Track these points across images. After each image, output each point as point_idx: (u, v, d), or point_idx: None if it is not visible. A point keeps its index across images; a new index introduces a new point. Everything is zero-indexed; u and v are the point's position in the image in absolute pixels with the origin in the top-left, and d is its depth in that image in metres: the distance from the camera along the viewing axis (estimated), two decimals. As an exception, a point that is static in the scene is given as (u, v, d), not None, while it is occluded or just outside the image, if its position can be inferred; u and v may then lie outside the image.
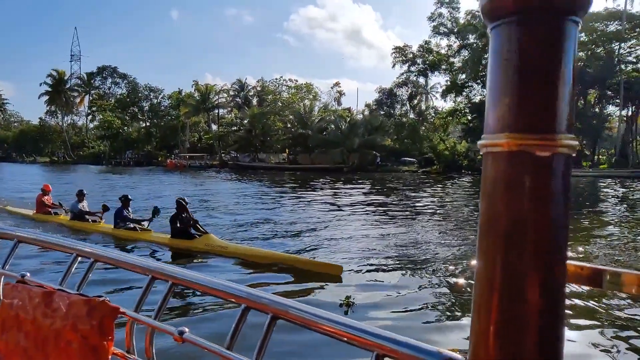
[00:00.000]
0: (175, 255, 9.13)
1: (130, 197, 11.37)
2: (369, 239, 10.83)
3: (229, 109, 75.24)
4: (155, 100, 79.15)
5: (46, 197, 13.34)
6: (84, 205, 12.31)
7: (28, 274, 1.50)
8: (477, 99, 56.50)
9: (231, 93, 75.69)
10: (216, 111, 73.18)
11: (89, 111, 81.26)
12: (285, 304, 1.05)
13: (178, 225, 9.63)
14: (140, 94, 79.10)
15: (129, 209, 11.15)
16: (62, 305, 1.27)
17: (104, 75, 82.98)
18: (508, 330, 0.55)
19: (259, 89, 75.78)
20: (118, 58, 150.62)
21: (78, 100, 79.84)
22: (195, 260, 8.67)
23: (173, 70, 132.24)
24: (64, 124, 79.98)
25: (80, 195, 12.37)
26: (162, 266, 1.33)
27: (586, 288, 6.12)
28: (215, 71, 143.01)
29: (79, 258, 1.53)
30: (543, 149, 0.53)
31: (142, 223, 10.95)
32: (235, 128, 69.98)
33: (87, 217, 12.00)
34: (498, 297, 0.55)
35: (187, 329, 1.15)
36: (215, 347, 1.09)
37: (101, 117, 75.81)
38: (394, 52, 63.83)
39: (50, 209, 13.20)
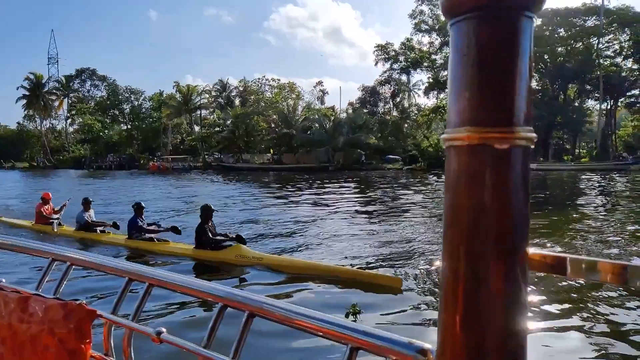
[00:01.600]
0: (201, 269, 8.17)
1: (143, 204, 10.26)
2: (364, 238, 10.73)
3: (211, 109, 74.64)
4: (136, 103, 78.19)
5: (45, 207, 12.24)
6: (91, 214, 11.30)
7: (3, 280, 1.47)
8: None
9: (213, 94, 75.11)
10: (198, 112, 72.55)
11: (68, 115, 79.73)
12: (261, 301, 1.07)
13: (206, 235, 8.56)
14: (120, 96, 77.99)
15: (143, 217, 10.11)
16: (39, 310, 1.26)
17: (82, 77, 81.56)
18: (473, 319, 0.56)
19: (241, 89, 75.33)
20: (96, 60, 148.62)
21: (57, 103, 78.41)
22: (226, 274, 7.76)
23: (153, 72, 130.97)
24: (43, 128, 78.49)
25: (87, 204, 11.29)
26: (139, 268, 1.34)
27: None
28: (196, 72, 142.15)
29: (55, 262, 1.52)
30: (502, 142, 0.54)
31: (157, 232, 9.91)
32: (218, 129, 69.42)
33: (95, 227, 10.92)
34: (463, 286, 0.56)
35: (164, 330, 1.16)
36: (192, 347, 1.10)
37: (81, 120, 74.57)
38: (376, 50, 63.98)
39: (51, 219, 11.92)
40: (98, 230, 10.77)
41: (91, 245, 9.95)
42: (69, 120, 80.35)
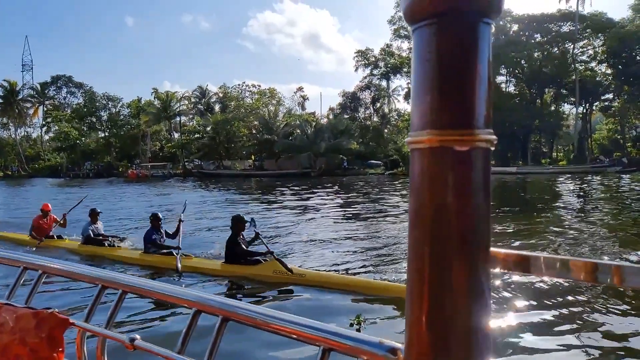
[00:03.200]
0: (234, 286, 7.40)
1: (160, 215, 9.27)
2: (350, 244, 10.57)
3: (191, 116, 73.89)
4: (114, 110, 76.80)
5: (44, 220, 11.01)
6: (99, 227, 10.27)
7: None
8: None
9: (192, 100, 74.37)
10: (178, 119, 71.71)
11: (43, 122, 77.94)
12: (235, 305, 1.08)
13: (239, 248, 7.75)
14: (98, 104, 76.55)
15: (162, 229, 9.13)
16: (10, 320, 1.25)
17: (58, 85, 79.90)
18: (438, 316, 0.57)
19: (221, 95, 74.78)
20: (72, 67, 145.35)
21: (32, 111, 76.71)
22: (263, 293, 6.96)
23: (131, 79, 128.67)
24: (17, 137, 76.63)
25: (94, 215, 10.24)
26: (113, 275, 1.33)
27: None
28: (174, 79, 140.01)
29: (27, 271, 1.50)
30: (462, 144, 0.55)
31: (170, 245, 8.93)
32: (198, 135, 68.72)
33: (104, 241, 9.93)
34: (427, 286, 0.58)
35: (138, 336, 1.16)
36: (166, 352, 1.10)
37: (57, 128, 72.93)
38: (356, 56, 64.32)
39: (50, 231, 10.87)
40: (107, 244, 9.78)
41: (99, 262, 8.88)
42: (45, 128, 78.64)
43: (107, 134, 75.90)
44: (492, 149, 0.58)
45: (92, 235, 10.01)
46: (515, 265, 0.63)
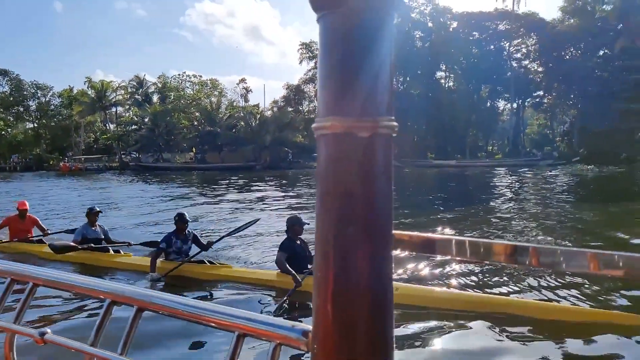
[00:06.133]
0: (294, 303, 5.78)
1: (187, 216, 7.47)
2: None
3: (128, 106, 70.88)
4: (44, 99, 72.41)
5: (21, 222, 9.09)
6: (97, 229, 8.43)
7: None
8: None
9: (129, 90, 71.32)
10: (114, 109, 68.64)
11: (-37, 112, 72.41)
12: (150, 294, 1.06)
13: (292, 256, 6.32)
14: (25, 92, 71.80)
15: (188, 232, 7.46)
16: None
17: (-20, 72, 74.38)
18: (342, 298, 0.59)
19: (160, 85, 72.18)
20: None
21: (-51, 99, 70.93)
22: None
23: (62, 67, 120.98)
24: None
25: (92, 215, 8.43)
26: (22, 267, 1.28)
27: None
28: (107, 67, 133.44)
29: None
30: (364, 131, 0.57)
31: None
32: (135, 127, 66.12)
33: (107, 245, 8.26)
34: (332, 269, 0.60)
35: (49, 330, 1.14)
36: (78, 345, 1.08)
37: (-21, 118, 67.96)
38: (300, 49, 63.87)
39: (29, 234, 9.17)
40: (111, 251, 8.05)
41: (102, 272, 7.40)
42: (-35, 118, 72.95)
43: (36, 124, 71.56)
44: (394, 135, 0.60)
45: (77, 241, 8.10)
46: (420, 247, 0.66)
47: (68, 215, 14.77)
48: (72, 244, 8.03)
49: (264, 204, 18.06)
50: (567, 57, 53.70)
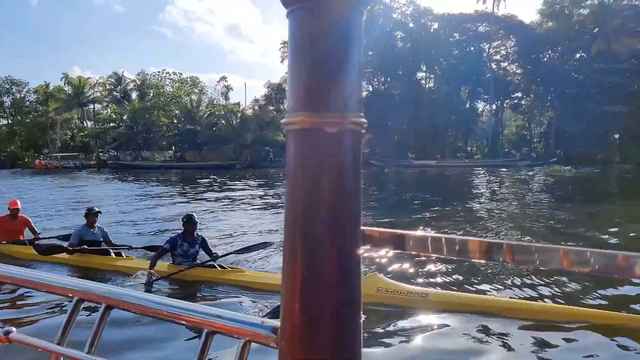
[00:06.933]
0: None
1: (195, 217, 7.12)
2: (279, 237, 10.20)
3: (106, 104, 69.67)
4: (19, 95, 70.80)
5: (12, 223, 8.60)
6: (96, 231, 7.97)
7: None
8: (363, 94, 58.25)
9: (107, 87, 70.11)
10: (91, 106, 67.42)
11: None
12: (119, 292, 1.05)
13: None
14: (0, 88, 70.30)
15: (196, 235, 7.07)
16: None
17: (-49, 66, 72.38)
18: (310, 294, 0.59)
19: (139, 82, 71.12)
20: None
21: None
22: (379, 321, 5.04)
23: (37, 63, 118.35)
24: None
25: (91, 216, 7.95)
26: None
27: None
28: (85, 64, 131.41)
29: None
30: (332, 126, 0.57)
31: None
32: (114, 124, 65.03)
33: (109, 248, 7.84)
34: (300, 264, 0.59)
35: (14, 329, 1.11)
36: (44, 344, 1.06)
37: (-50, 113, 66.15)
38: (281, 47, 63.56)
39: (22, 236, 8.68)
40: (112, 253, 7.67)
41: (101, 276, 7.05)
42: None
43: (10, 121, 69.92)
44: (363, 131, 0.60)
45: (68, 244, 7.70)
46: (391, 244, 0.66)
47: (44, 214, 14.42)
48: (62, 244, 7.75)
49: (240, 203, 17.89)
50: (545, 59, 54.65)
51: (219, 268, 6.74)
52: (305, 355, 0.60)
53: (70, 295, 1.08)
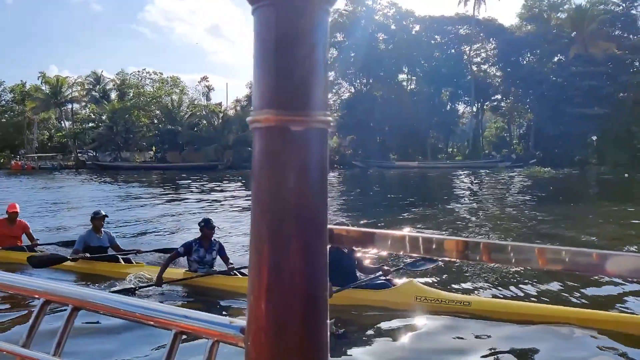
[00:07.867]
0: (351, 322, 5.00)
1: (213, 222, 6.68)
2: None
3: (84, 103, 68.49)
4: (-6, 94, 69.27)
5: (9, 227, 8.10)
6: (102, 237, 7.52)
7: None
8: (346, 95, 58.60)
9: (86, 87, 68.93)
10: (69, 106, 66.20)
11: None
12: (86, 293, 1.04)
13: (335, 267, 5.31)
14: (-27, 87, 68.60)
15: (214, 241, 6.63)
16: None
17: None
18: (276, 294, 0.59)
19: (118, 82, 70.09)
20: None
21: None
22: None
23: (13, 62, 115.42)
24: None
25: (97, 220, 7.48)
26: None
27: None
28: (62, 63, 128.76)
29: None
30: (297, 124, 0.57)
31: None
32: (92, 124, 63.96)
33: (118, 255, 7.47)
34: (266, 264, 0.59)
35: None
36: (8, 347, 1.05)
37: None
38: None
39: (19, 242, 8.19)
40: (121, 260, 7.29)
41: (109, 283, 6.62)
42: None
43: (-16, 121, 68.36)
44: (330, 130, 0.60)
45: (74, 250, 7.29)
46: (357, 242, 0.66)
47: (22, 217, 14.05)
48: (60, 254, 7.39)
49: (222, 204, 17.74)
50: (524, 62, 55.49)
51: (239, 275, 6.31)
52: (271, 356, 0.59)
53: (37, 296, 1.07)
